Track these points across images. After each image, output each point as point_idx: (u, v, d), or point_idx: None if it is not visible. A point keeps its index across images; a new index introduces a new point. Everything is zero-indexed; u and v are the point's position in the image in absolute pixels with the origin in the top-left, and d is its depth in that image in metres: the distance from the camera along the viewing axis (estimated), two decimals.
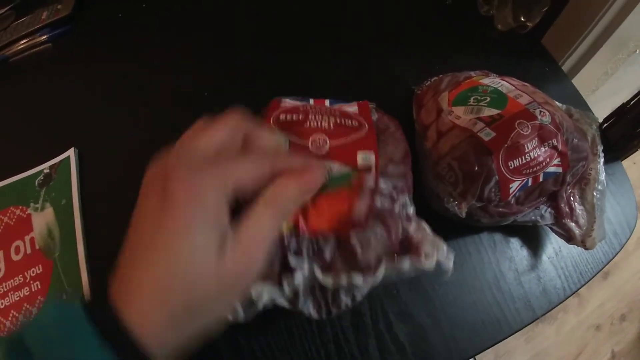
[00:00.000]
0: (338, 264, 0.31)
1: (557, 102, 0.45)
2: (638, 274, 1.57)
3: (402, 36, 0.61)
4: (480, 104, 0.41)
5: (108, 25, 0.64)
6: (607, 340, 1.42)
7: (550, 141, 0.38)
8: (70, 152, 0.51)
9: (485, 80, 0.44)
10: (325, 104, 0.40)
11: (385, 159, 0.35)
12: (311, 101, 0.40)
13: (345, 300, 0.32)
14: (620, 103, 0.52)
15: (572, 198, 0.42)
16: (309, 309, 0.32)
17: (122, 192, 0.45)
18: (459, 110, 0.41)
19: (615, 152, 0.53)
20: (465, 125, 0.39)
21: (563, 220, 0.41)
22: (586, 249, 0.41)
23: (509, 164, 0.37)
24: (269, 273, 0.31)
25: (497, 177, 0.37)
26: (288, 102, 0.39)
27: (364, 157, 0.34)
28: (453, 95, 0.44)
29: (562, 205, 0.41)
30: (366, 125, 0.36)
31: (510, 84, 0.43)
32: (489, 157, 0.37)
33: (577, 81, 0.64)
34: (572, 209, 0.42)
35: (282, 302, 0.31)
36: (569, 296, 0.45)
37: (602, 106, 0.69)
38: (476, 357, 1.24)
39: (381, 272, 0.31)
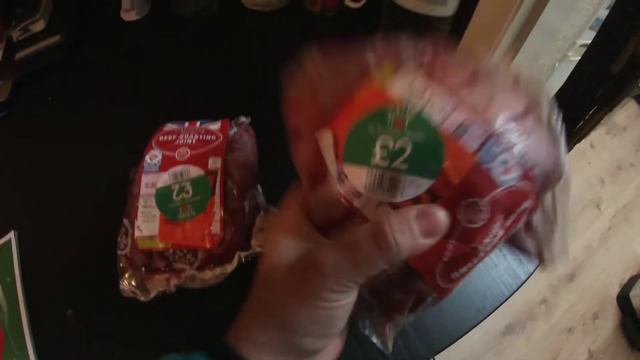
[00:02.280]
0: None
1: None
2: (605, 271, 1.62)
3: None
4: (396, 162, 0.23)
5: (42, 108, 0.68)
6: (582, 340, 1.44)
7: (520, 207, 0.24)
8: (11, 235, 0.55)
9: (400, 87, 0.24)
10: (196, 125, 0.50)
11: (231, 163, 0.46)
12: (186, 124, 0.51)
13: None
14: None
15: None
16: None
17: (60, 267, 0.52)
18: (356, 174, 0.24)
19: None
20: (372, 217, 0.24)
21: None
22: (543, 265, 0.28)
23: (452, 276, 0.25)
24: None
25: (434, 294, 0.26)
26: (169, 126, 0.50)
27: (213, 161, 0.45)
28: (343, 133, 0.24)
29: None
30: (221, 138, 0.48)
31: (443, 87, 0.23)
32: (417, 280, 0.25)
33: None
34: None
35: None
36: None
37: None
38: None
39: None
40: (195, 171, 0.44)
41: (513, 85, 0.25)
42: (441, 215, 0.22)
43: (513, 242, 0.27)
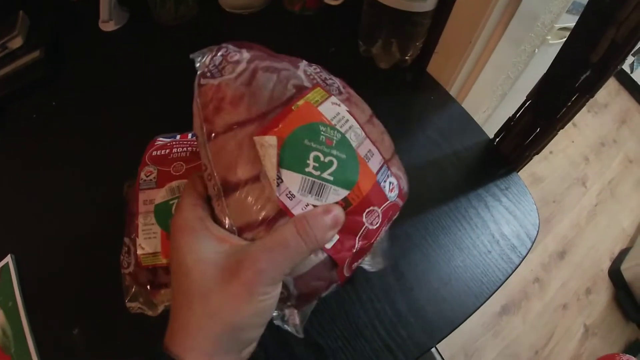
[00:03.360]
0: None
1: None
2: (595, 246, 1.66)
3: None
4: (325, 173, 0.28)
5: (27, 126, 0.67)
6: (577, 316, 1.48)
7: (395, 215, 0.35)
8: (8, 259, 0.54)
9: (327, 110, 0.30)
10: (188, 136, 0.49)
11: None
12: (178, 136, 0.50)
13: None
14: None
15: None
16: None
17: (60, 289, 0.51)
18: (291, 179, 0.28)
19: (511, 165, 0.58)
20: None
21: None
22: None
23: (353, 266, 0.32)
24: None
25: (338, 281, 0.32)
26: (160, 139, 0.49)
27: None
28: (281, 138, 0.28)
29: None
30: None
31: (354, 117, 0.32)
32: (333, 270, 0.31)
33: (478, 92, 0.70)
34: None
35: None
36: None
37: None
38: (446, 358, 1.28)
39: None
40: None
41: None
42: (339, 211, 0.28)
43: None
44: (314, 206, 0.28)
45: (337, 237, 0.29)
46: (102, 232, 0.47)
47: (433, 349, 1.24)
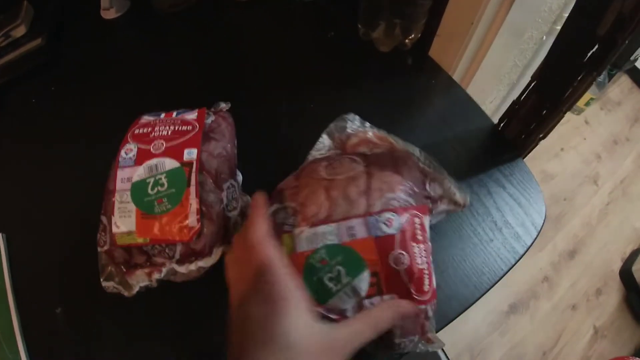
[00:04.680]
0: None
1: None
2: (606, 246, 1.61)
3: (291, 76, 0.65)
4: (344, 281, 0.36)
5: (26, 111, 0.67)
6: (587, 317, 1.44)
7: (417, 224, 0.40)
8: None
9: (304, 246, 0.38)
10: (172, 115, 0.49)
11: (207, 153, 0.45)
12: (162, 115, 0.49)
13: None
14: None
15: None
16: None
17: (47, 267, 0.51)
18: (334, 304, 0.37)
19: (516, 151, 0.56)
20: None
21: None
22: None
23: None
24: None
25: None
26: (145, 118, 0.49)
27: (188, 152, 0.44)
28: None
29: None
30: (197, 128, 0.46)
31: (316, 226, 0.39)
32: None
33: (483, 79, 0.68)
34: None
35: None
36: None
37: None
38: (452, 357, 1.25)
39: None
40: (170, 163, 0.43)
41: None
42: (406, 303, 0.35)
43: None
44: (361, 300, 0.36)
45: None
46: (91, 211, 0.46)
47: None
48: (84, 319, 0.47)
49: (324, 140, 0.50)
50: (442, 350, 1.22)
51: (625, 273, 1.53)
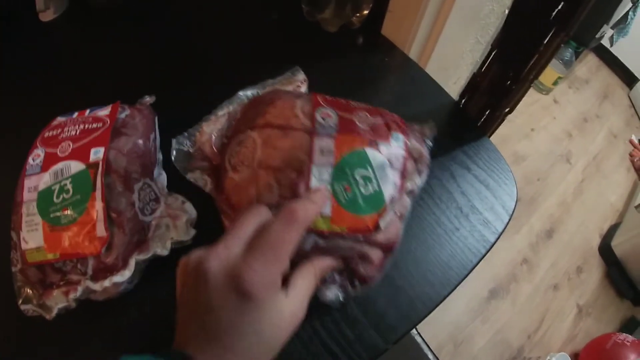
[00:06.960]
0: None
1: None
2: (584, 224, 1.61)
3: (239, 61, 0.59)
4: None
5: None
6: (569, 296, 1.43)
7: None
8: None
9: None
10: (85, 113, 0.44)
11: (115, 151, 0.39)
12: (75, 114, 0.44)
13: None
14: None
15: None
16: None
17: None
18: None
19: (480, 129, 0.51)
20: None
21: None
22: None
23: None
24: None
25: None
26: (58, 119, 0.44)
27: (95, 152, 0.38)
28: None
29: None
30: (107, 124, 0.41)
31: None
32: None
33: (442, 57, 0.63)
34: None
35: None
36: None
37: None
38: (434, 348, 1.21)
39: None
40: (75, 166, 0.37)
41: None
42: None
43: None
44: None
45: None
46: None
47: (419, 339, 1.17)
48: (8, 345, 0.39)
49: None
50: (423, 340, 1.18)
51: (605, 249, 1.54)
